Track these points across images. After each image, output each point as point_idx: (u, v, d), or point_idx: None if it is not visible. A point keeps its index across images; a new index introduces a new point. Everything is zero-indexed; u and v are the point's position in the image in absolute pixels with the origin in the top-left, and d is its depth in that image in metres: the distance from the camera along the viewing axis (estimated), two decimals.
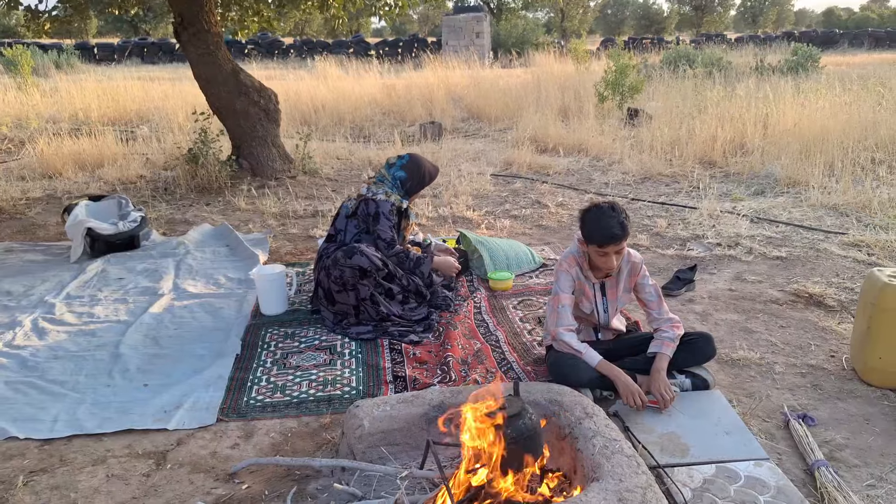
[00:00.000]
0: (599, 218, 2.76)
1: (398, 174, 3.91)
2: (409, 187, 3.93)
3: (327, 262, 3.74)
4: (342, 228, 3.90)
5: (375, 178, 3.96)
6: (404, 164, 3.93)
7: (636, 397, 2.73)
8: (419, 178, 3.94)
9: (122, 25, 40.23)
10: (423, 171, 3.95)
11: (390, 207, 3.81)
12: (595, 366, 2.83)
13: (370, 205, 3.80)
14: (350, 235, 3.85)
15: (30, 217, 6.08)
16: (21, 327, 3.73)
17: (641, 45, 25.18)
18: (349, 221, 3.88)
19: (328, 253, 3.85)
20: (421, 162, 3.97)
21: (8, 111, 11.84)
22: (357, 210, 3.86)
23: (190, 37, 6.82)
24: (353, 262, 3.63)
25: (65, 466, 2.58)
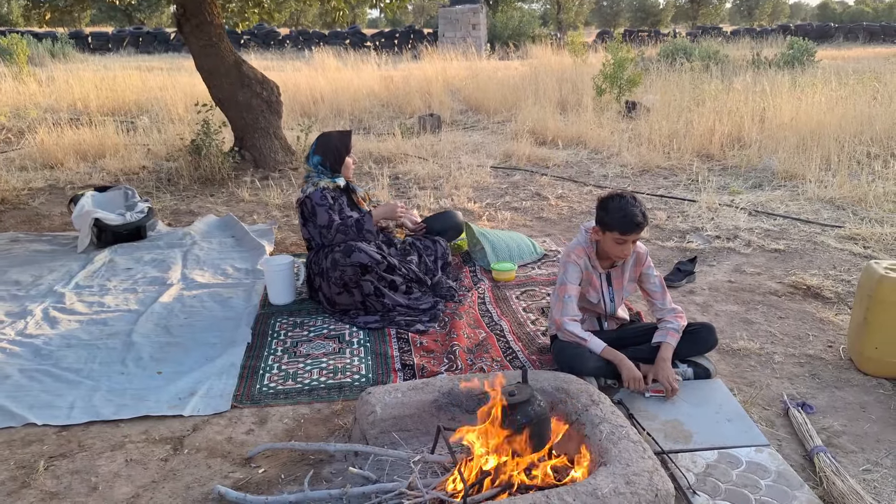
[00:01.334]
0: (623, 206, 2.83)
1: (314, 160, 3.96)
2: (331, 163, 3.94)
3: (326, 265, 3.79)
4: (308, 237, 3.97)
5: (305, 179, 4.02)
6: (314, 148, 3.98)
7: (639, 382, 2.81)
8: (333, 149, 3.94)
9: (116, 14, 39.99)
10: (331, 143, 3.96)
11: (321, 193, 3.84)
12: (600, 352, 2.90)
13: (306, 204, 3.86)
14: (319, 237, 3.91)
15: (33, 207, 6.12)
16: (32, 316, 3.78)
17: (638, 38, 25.22)
18: (307, 228, 3.94)
19: (317, 260, 3.90)
20: (327, 136, 4.00)
21: (5, 101, 11.83)
22: (304, 216, 3.91)
23: (192, 28, 6.85)
24: (354, 260, 3.70)
25: (84, 452, 2.64)
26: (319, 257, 3.89)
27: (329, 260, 3.78)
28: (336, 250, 3.76)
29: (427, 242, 4.29)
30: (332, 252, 3.78)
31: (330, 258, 3.77)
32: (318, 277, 3.88)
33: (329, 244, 3.84)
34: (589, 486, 2.06)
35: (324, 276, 3.82)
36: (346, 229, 3.81)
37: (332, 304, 3.84)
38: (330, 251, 3.80)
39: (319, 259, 3.89)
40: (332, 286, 3.77)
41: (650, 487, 2.06)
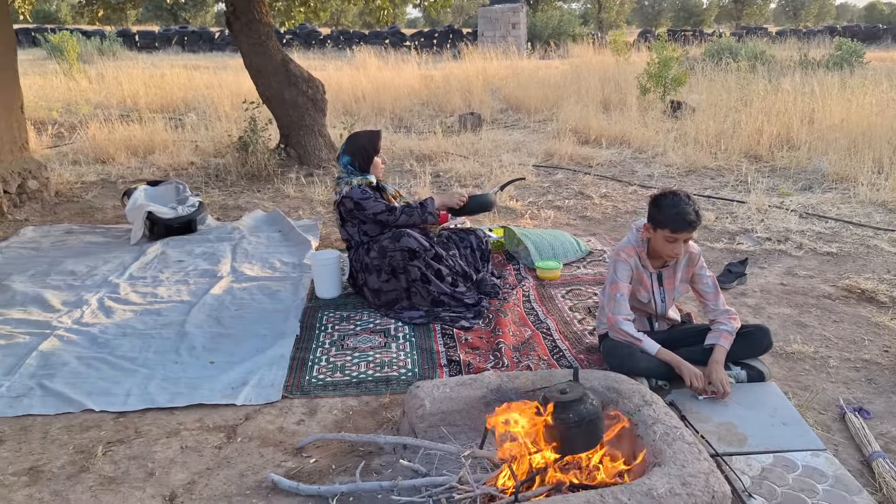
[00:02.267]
0: (676, 204, 2.80)
1: (344, 160, 4.00)
2: (360, 163, 3.97)
3: (369, 259, 3.84)
4: (347, 237, 4.01)
5: (336, 182, 4.05)
6: (344, 149, 4.02)
7: (702, 380, 2.78)
8: (362, 149, 3.97)
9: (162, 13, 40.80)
10: (360, 143, 3.99)
11: (360, 189, 3.87)
12: (654, 354, 2.88)
13: (346, 202, 3.88)
14: (358, 235, 3.96)
15: (87, 200, 6.28)
16: (88, 306, 3.89)
17: (682, 37, 24.87)
18: (346, 229, 3.98)
19: (358, 256, 3.95)
20: (355, 135, 4.04)
21: (57, 97, 12.16)
22: (342, 217, 3.96)
23: (242, 27, 6.96)
24: (402, 245, 3.73)
25: (140, 438, 2.71)
26: (360, 254, 3.93)
27: (377, 248, 3.81)
28: (384, 237, 3.80)
29: (462, 234, 4.25)
30: (380, 241, 3.82)
31: (377, 246, 3.81)
32: (362, 273, 3.92)
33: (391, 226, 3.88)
34: (644, 485, 2.04)
35: (368, 270, 3.86)
36: (412, 211, 3.87)
37: (378, 295, 3.86)
38: (375, 242, 3.84)
39: (360, 255, 3.93)
40: (382, 273, 3.81)
41: (706, 489, 2.04)
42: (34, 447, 2.63)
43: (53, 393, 2.96)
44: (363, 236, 3.93)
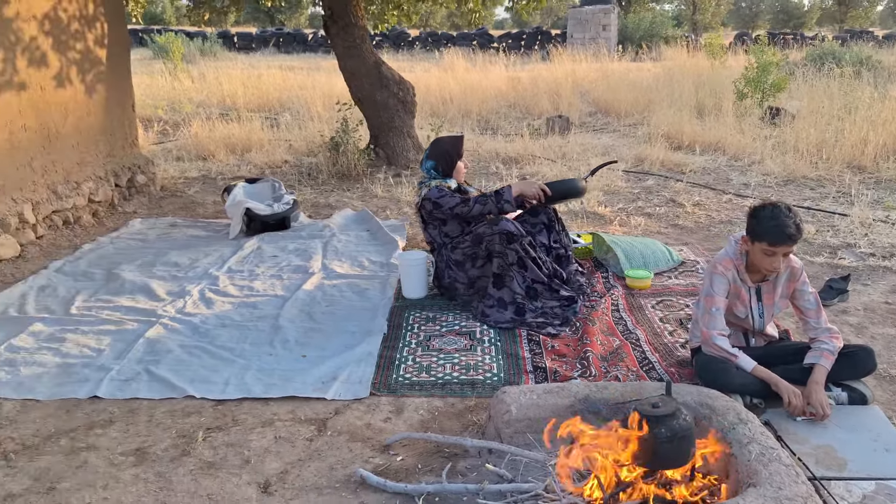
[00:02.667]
0: (776, 216, 2.71)
1: (428, 165, 4.05)
2: (443, 168, 4.03)
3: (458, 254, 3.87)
4: (430, 239, 4.08)
5: (419, 187, 4.11)
6: (428, 154, 4.07)
7: (800, 399, 2.67)
8: (445, 154, 4.02)
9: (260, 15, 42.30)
10: (443, 147, 4.05)
11: (437, 189, 3.91)
12: (750, 371, 2.79)
13: (426, 205, 3.94)
14: (441, 237, 4.01)
15: (189, 195, 6.60)
16: (190, 296, 4.09)
17: (781, 41, 23.87)
18: (428, 231, 4.05)
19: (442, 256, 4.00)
20: (439, 140, 4.11)
21: (163, 95, 12.81)
22: (424, 219, 4.01)
23: (338, 30, 7.15)
24: (500, 228, 3.74)
25: (237, 426, 2.83)
26: (444, 253, 3.98)
27: (470, 238, 3.86)
28: (481, 226, 3.83)
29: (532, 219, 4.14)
30: (474, 230, 3.84)
31: (471, 236, 3.85)
32: (449, 270, 3.95)
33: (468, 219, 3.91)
34: None
35: (457, 265, 3.90)
36: (486, 199, 3.86)
37: (472, 284, 3.89)
38: (462, 240, 3.87)
39: (445, 254, 3.96)
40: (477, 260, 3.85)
41: None
42: (140, 429, 2.79)
43: (158, 378, 3.13)
44: (444, 238, 3.98)
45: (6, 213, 4.74)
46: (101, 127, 5.94)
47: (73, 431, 2.77)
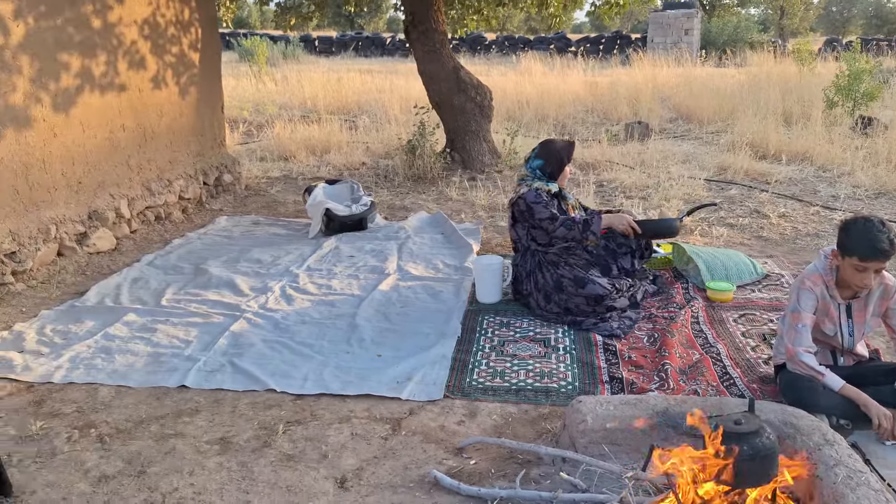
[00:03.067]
0: (868, 230, 2.61)
1: (536, 164, 4.00)
2: (551, 171, 3.98)
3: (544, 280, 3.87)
4: (516, 238, 4.06)
5: (519, 181, 4.05)
6: (537, 152, 4.03)
7: (891, 422, 2.56)
8: (556, 158, 3.98)
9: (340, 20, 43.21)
10: (556, 150, 4.00)
11: (536, 193, 3.87)
12: (838, 390, 2.68)
13: (519, 203, 3.91)
14: (526, 238, 3.99)
15: (271, 194, 6.82)
16: (272, 293, 4.22)
17: (875, 47, 22.76)
18: (514, 229, 4.02)
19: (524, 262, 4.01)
20: (551, 143, 4.05)
21: (248, 97, 13.25)
22: (514, 216, 3.97)
23: (419, 35, 7.25)
24: (588, 292, 3.76)
25: (315, 421, 2.90)
26: (526, 259, 3.97)
27: (553, 279, 3.83)
28: (565, 273, 3.80)
29: (621, 240, 4.13)
30: (560, 276, 3.81)
31: (553, 279, 3.83)
32: (527, 281, 3.94)
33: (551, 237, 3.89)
34: None
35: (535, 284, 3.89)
36: (573, 225, 3.84)
37: (548, 299, 3.89)
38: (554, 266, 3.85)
39: (526, 261, 3.96)
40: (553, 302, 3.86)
41: None
42: (225, 419, 2.90)
43: (242, 371, 3.25)
44: (531, 241, 3.97)
45: (105, 208, 5.01)
46: (192, 127, 6.20)
47: (163, 418, 2.90)
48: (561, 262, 3.86)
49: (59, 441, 2.74)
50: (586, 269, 3.83)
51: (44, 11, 4.41)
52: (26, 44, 4.29)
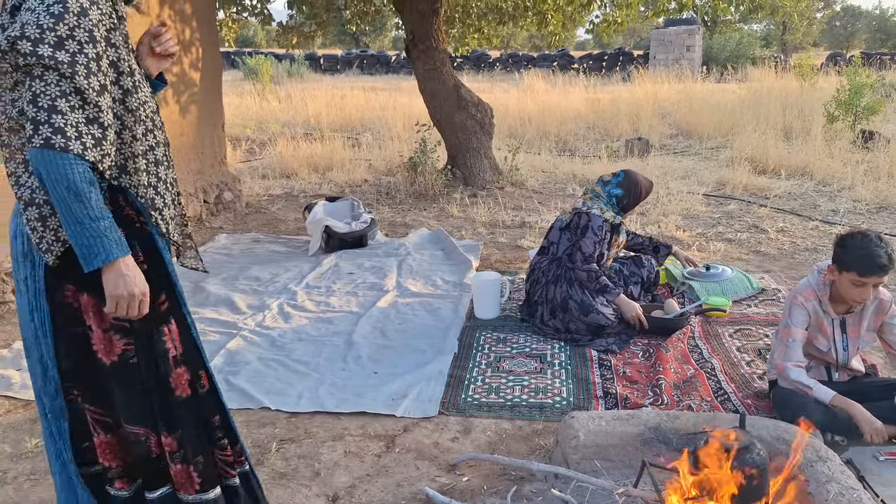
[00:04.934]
0: (866, 245, 2.62)
1: (614, 192, 3.97)
2: (626, 204, 3.98)
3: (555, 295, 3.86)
4: (555, 241, 4.02)
5: (591, 195, 4.02)
6: (620, 181, 3.99)
7: (882, 434, 2.55)
8: (636, 195, 3.99)
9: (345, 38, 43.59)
10: (639, 188, 4.00)
11: (601, 223, 3.86)
12: (829, 401, 2.68)
13: (583, 217, 3.89)
14: (562, 248, 3.96)
15: (272, 212, 6.86)
16: (269, 310, 4.24)
17: (878, 61, 22.81)
18: (562, 234, 4.00)
19: (540, 267, 3.99)
20: (636, 178, 4.02)
21: (251, 115, 13.36)
22: (570, 223, 3.95)
23: (419, 53, 7.32)
24: (591, 321, 3.75)
25: (309, 439, 2.91)
26: (552, 268, 3.94)
27: (560, 296, 3.84)
28: (573, 296, 3.81)
29: (633, 268, 4.23)
30: (568, 295, 3.81)
31: (561, 296, 3.83)
32: (543, 290, 3.93)
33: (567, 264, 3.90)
34: None
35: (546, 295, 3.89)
36: (594, 280, 3.82)
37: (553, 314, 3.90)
38: (567, 284, 3.85)
39: (551, 269, 3.94)
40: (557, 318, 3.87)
41: None
42: None
43: (237, 389, 3.26)
44: (565, 256, 3.92)
45: None
46: (193, 145, 6.26)
47: None
48: (575, 280, 3.85)
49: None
50: (594, 294, 3.83)
51: None
52: None
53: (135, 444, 1.90)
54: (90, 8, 1.63)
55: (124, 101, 1.76)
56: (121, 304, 1.71)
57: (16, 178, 1.73)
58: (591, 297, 3.78)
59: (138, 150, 1.79)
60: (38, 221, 1.71)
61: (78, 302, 1.79)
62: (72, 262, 1.71)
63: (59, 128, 1.57)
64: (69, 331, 1.82)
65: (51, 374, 1.86)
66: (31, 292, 1.80)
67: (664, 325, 3.83)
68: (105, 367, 1.84)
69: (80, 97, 1.61)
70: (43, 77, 1.58)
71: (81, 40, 1.61)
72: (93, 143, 1.63)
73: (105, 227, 1.65)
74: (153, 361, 1.87)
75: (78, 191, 1.59)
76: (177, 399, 1.91)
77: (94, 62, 1.63)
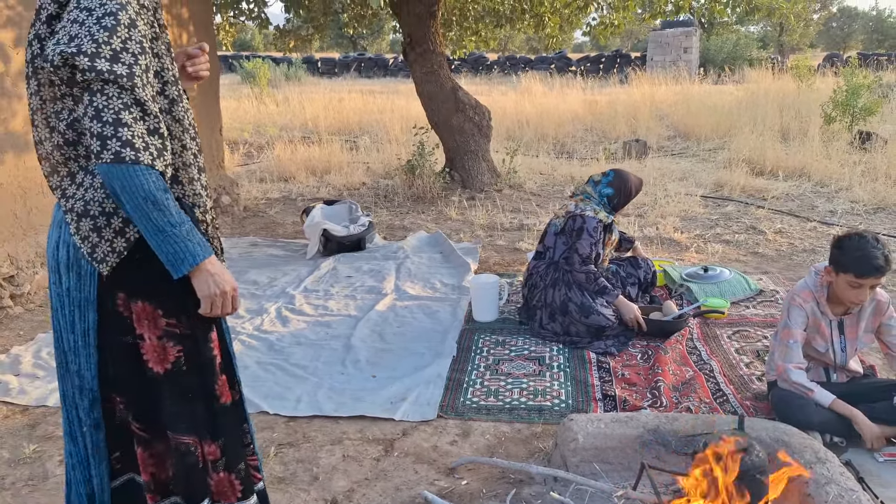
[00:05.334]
0: (863, 246, 2.62)
1: (605, 191, 3.98)
2: (617, 203, 4.00)
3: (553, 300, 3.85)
4: (551, 245, 4.02)
5: (582, 196, 4.02)
6: (610, 180, 4.00)
7: (881, 440, 2.55)
8: (626, 193, 4.01)
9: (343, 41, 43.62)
10: (629, 186, 4.01)
11: (595, 224, 3.86)
12: (828, 405, 2.68)
13: (577, 220, 3.88)
14: (558, 252, 3.96)
15: (270, 215, 6.85)
16: (267, 314, 4.24)
17: (875, 62, 22.85)
18: (557, 238, 3.99)
19: (538, 271, 3.98)
20: (626, 177, 4.03)
21: (249, 119, 13.36)
22: (565, 227, 3.95)
23: (417, 56, 7.32)
24: (591, 322, 3.74)
25: (308, 443, 2.91)
26: (549, 271, 3.92)
27: (560, 298, 3.82)
28: (572, 302, 3.79)
29: (630, 269, 4.23)
30: (568, 298, 3.80)
31: (561, 299, 3.82)
32: (541, 294, 3.92)
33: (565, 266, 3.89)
34: None
35: (545, 299, 3.89)
36: (592, 281, 3.81)
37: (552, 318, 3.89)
38: (567, 287, 3.84)
39: (549, 273, 3.92)
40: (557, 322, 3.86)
41: None
42: None
43: None
44: (562, 260, 3.91)
45: None
46: None
47: None
48: (574, 282, 3.85)
49: (52, 464, 2.74)
50: (594, 296, 3.82)
51: None
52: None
53: (185, 454, 1.85)
54: (137, 19, 1.63)
55: (171, 111, 1.75)
56: (216, 303, 1.72)
57: (62, 191, 1.72)
58: (591, 299, 3.78)
59: (189, 160, 1.79)
60: (93, 232, 1.69)
61: (129, 310, 1.77)
62: (124, 270, 1.71)
63: (127, 140, 1.57)
64: (117, 340, 1.79)
65: (88, 387, 1.82)
66: (76, 302, 1.77)
67: (663, 326, 3.83)
68: (157, 377, 1.80)
69: (141, 108, 1.61)
70: (104, 91, 1.57)
71: (135, 52, 1.61)
72: (157, 152, 1.63)
73: (187, 231, 1.65)
74: (201, 368, 1.85)
75: (156, 200, 1.60)
76: (221, 406, 1.89)
77: (145, 73, 1.64)
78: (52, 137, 1.72)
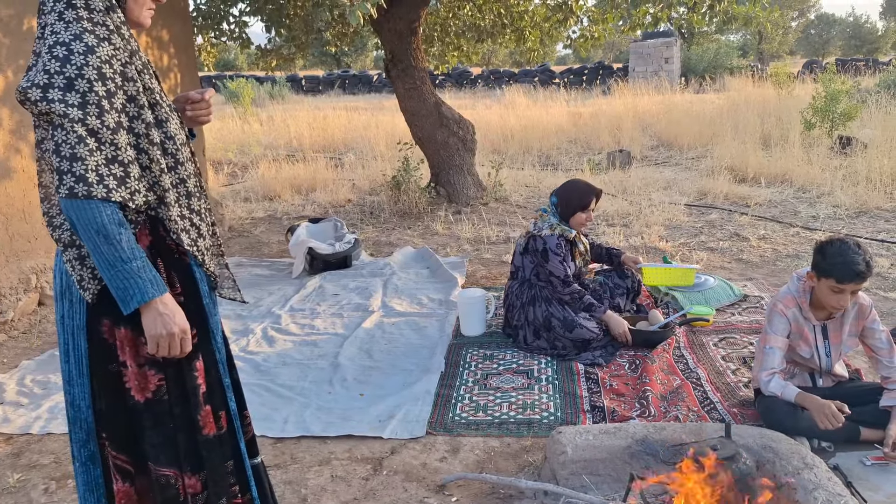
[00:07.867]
0: (844, 252, 2.64)
1: (552, 199, 3.99)
2: (562, 211, 3.92)
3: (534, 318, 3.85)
4: (520, 265, 4.03)
5: (541, 211, 4.03)
6: (558, 189, 4.00)
7: (832, 418, 2.54)
8: (566, 200, 3.90)
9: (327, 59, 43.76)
10: (571, 192, 3.92)
11: (557, 241, 3.84)
12: (794, 399, 2.70)
13: (538, 241, 3.87)
14: (528, 271, 3.97)
15: (255, 235, 6.83)
16: (253, 335, 4.21)
17: (853, 67, 23.16)
18: (524, 258, 4.00)
19: (520, 293, 3.97)
20: (573, 184, 3.99)
21: (233, 138, 13.34)
22: (527, 246, 3.96)
23: (399, 72, 7.35)
24: (576, 336, 3.75)
25: (295, 464, 2.88)
26: (524, 290, 3.93)
27: (542, 315, 3.82)
28: (554, 313, 3.80)
29: (618, 280, 4.24)
30: (550, 314, 3.80)
31: (543, 316, 3.81)
32: (520, 313, 3.92)
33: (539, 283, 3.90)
34: None
35: (526, 318, 3.88)
36: (578, 300, 3.81)
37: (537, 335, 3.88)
38: (546, 303, 3.83)
39: (523, 292, 3.93)
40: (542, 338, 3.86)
41: None
42: None
43: None
44: (534, 277, 3.93)
45: None
46: None
47: None
48: (553, 298, 3.85)
49: (37, 493, 2.71)
50: (576, 309, 3.82)
51: (23, 65, 4.46)
52: (6, 96, 4.33)
53: (164, 487, 1.83)
54: (97, 45, 1.63)
55: (148, 135, 1.74)
56: (161, 344, 1.70)
57: (49, 219, 1.74)
58: (573, 313, 3.78)
59: (166, 184, 1.77)
60: (77, 261, 1.71)
61: (114, 337, 1.77)
62: (108, 297, 1.70)
63: (80, 175, 1.57)
64: (104, 369, 1.78)
65: (82, 418, 1.81)
66: (69, 330, 1.78)
67: (649, 337, 3.83)
68: (137, 406, 1.79)
69: (95, 138, 1.60)
70: (63, 125, 1.57)
71: (91, 78, 1.60)
72: (116, 183, 1.62)
73: (138, 268, 1.64)
74: (183, 397, 1.83)
75: (107, 234, 1.60)
76: (204, 438, 1.87)
77: (105, 100, 1.62)
78: (46, 169, 1.75)
